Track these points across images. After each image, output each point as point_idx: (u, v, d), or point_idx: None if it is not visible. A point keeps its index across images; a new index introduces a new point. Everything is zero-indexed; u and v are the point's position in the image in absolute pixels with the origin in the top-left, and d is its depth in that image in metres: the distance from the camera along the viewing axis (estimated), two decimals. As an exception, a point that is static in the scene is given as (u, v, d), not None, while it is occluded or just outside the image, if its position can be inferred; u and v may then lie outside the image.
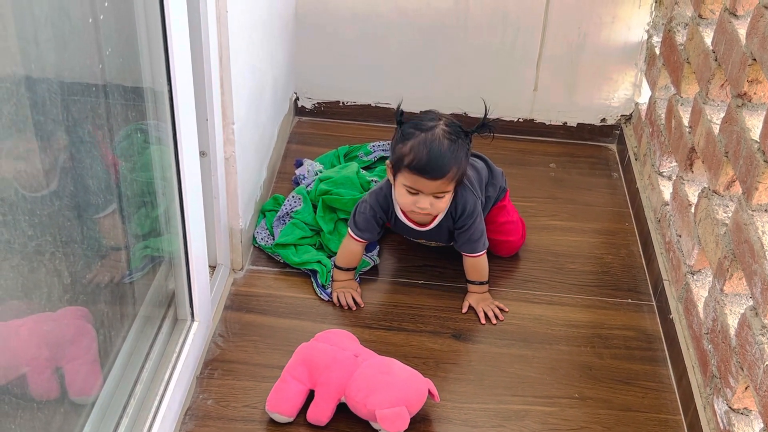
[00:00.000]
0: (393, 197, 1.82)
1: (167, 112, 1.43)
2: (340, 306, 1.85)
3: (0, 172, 1.03)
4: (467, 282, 1.90)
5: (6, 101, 1.01)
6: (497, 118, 1.78)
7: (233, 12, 1.64)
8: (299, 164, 2.24)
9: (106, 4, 1.23)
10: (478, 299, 1.87)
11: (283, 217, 2.01)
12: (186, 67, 1.43)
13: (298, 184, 2.16)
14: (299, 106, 2.51)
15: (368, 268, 1.95)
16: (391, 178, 1.78)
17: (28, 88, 1.06)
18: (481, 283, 1.88)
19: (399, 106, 1.79)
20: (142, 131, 1.44)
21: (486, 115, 1.77)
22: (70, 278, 1.28)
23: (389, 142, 2.28)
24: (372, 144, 2.31)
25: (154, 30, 1.35)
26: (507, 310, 1.87)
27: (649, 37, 2.30)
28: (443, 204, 1.74)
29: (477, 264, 1.88)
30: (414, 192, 1.72)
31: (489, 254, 1.90)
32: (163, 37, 1.35)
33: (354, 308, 1.84)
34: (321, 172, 2.17)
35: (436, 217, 1.82)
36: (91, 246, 1.34)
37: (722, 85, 1.75)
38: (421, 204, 1.72)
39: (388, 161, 1.77)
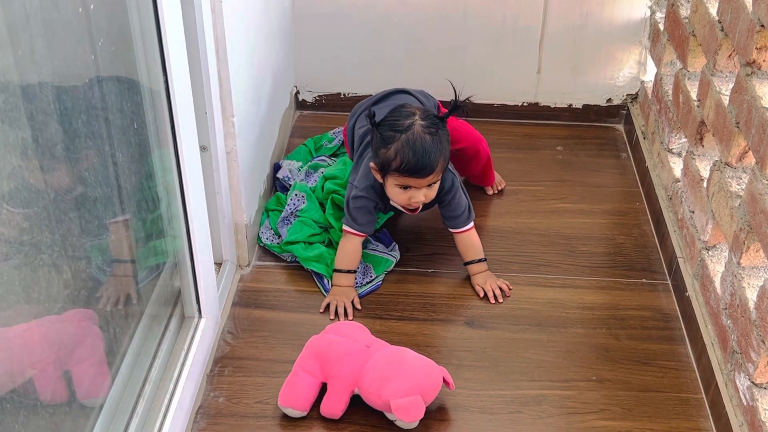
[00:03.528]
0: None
1: (164, 105, 1.40)
2: (329, 313, 1.78)
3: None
4: (465, 265, 1.88)
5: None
6: (468, 99, 1.76)
7: (227, 3, 1.61)
8: (278, 168, 2.15)
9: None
10: (484, 278, 1.85)
11: (288, 217, 1.97)
12: (182, 58, 1.40)
13: (285, 188, 2.09)
14: (300, 99, 2.48)
15: (391, 267, 1.91)
16: (378, 177, 1.78)
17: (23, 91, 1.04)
18: (480, 261, 1.87)
19: (371, 108, 1.79)
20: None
21: (456, 96, 1.77)
22: (75, 279, 1.26)
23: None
24: (332, 131, 2.29)
25: (147, 21, 1.33)
26: (511, 287, 1.86)
27: (652, 13, 2.26)
28: (435, 191, 1.77)
29: (467, 240, 1.87)
30: (407, 187, 1.73)
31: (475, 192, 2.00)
32: (157, 28, 1.33)
33: (342, 319, 1.77)
34: (301, 169, 2.12)
35: None
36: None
37: (730, 55, 1.71)
38: (416, 198, 1.75)
39: (372, 164, 1.76)
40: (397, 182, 1.73)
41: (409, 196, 1.74)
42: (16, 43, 1.03)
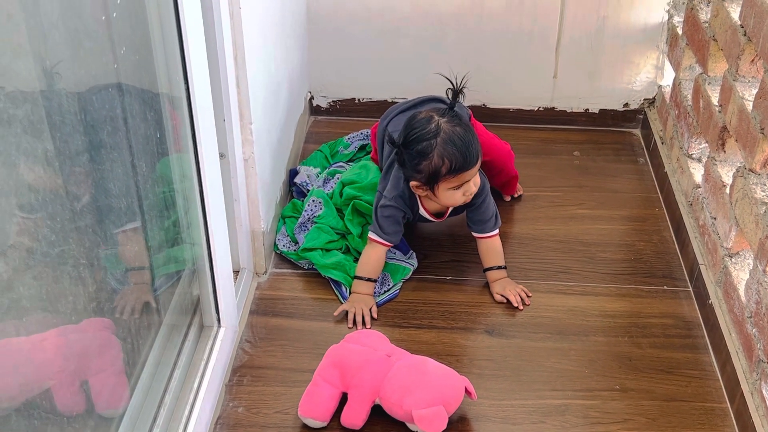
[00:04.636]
0: (417, 197, 1.84)
1: (185, 113, 1.39)
2: (347, 321, 1.76)
3: (17, 179, 0.99)
4: (485, 271, 1.86)
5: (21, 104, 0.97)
6: (464, 78, 1.75)
7: (246, 9, 1.60)
8: (295, 173, 2.14)
9: (119, 1, 1.19)
10: (503, 285, 1.84)
11: (305, 223, 1.96)
12: (202, 66, 1.39)
13: (302, 193, 2.08)
14: (314, 105, 2.46)
15: (409, 275, 1.89)
16: (424, 192, 1.77)
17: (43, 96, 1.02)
18: (500, 268, 1.86)
19: (389, 134, 1.79)
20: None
21: (454, 84, 1.76)
22: (92, 288, 1.24)
23: (364, 131, 2.26)
24: (348, 136, 2.27)
25: (168, 29, 1.31)
26: (530, 294, 1.84)
27: (670, 17, 2.24)
28: (479, 176, 1.77)
29: (491, 245, 1.86)
30: (460, 186, 1.73)
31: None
32: (179, 36, 1.31)
33: (360, 328, 1.75)
34: (320, 175, 2.11)
35: (449, 208, 1.87)
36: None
37: (753, 60, 1.69)
38: (471, 190, 1.75)
39: (414, 183, 1.75)
40: (452, 184, 1.72)
41: (463, 191, 1.74)
42: (37, 51, 1.02)
